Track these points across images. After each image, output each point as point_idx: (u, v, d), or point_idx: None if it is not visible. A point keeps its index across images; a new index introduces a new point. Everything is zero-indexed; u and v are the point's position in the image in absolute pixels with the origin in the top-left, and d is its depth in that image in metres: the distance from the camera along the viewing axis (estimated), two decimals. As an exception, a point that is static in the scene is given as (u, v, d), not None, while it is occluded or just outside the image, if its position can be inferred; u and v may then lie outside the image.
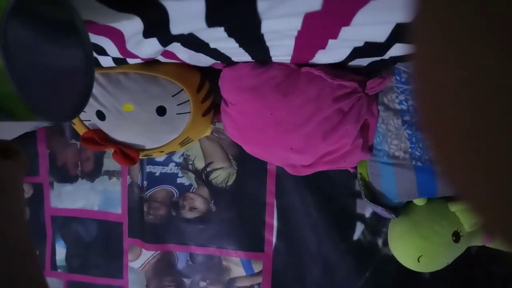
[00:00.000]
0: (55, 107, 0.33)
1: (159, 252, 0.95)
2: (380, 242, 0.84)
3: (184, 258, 0.95)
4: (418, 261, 0.68)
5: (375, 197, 0.73)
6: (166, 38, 0.48)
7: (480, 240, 0.71)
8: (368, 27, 0.43)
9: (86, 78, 0.36)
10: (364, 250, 0.84)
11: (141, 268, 0.97)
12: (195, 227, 0.92)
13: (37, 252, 1.03)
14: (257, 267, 0.91)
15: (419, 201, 0.70)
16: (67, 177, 0.99)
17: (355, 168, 0.76)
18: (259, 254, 0.90)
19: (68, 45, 0.34)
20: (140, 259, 0.97)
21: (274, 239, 0.89)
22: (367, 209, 0.84)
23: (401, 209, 0.72)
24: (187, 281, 0.95)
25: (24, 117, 0.31)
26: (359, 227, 0.84)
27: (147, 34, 0.45)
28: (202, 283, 0.94)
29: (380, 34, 0.45)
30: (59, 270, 1.02)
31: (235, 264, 0.92)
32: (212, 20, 0.41)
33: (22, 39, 0.29)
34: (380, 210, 0.72)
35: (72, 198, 1.00)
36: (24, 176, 0.45)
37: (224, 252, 0.92)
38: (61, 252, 1.02)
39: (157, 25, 0.43)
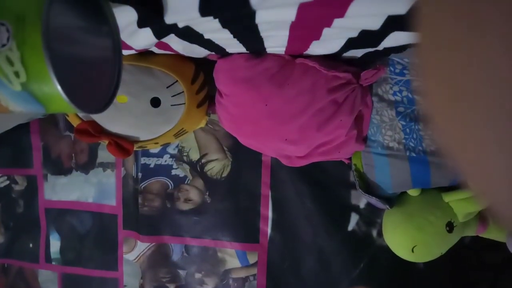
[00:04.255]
0: (88, 98, 0.33)
1: (154, 244, 0.95)
2: (374, 232, 0.84)
3: (179, 250, 0.95)
4: (412, 251, 0.69)
5: (369, 188, 0.74)
6: (160, 28, 0.48)
7: (473, 230, 0.72)
8: (363, 18, 0.43)
9: (114, 67, 0.35)
10: (358, 241, 0.85)
11: (136, 260, 0.97)
12: (190, 219, 0.92)
13: (31, 245, 1.03)
14: (252, 259, 0.91)
15: (413, 192, 0.71)
16: (61, 169, 0.99)
17: (350, 159, 0.76)
18: (254, 246, 0.90)
19: (97, 34, 0.33)
20: (135, 251, 0.97)
21: (269, 230, 0.89)
22: (361, 200, 0.84)
23: (395, 199, 0.73)
24: (182, 272, 0.95)
25: (58, 108, 0.30)
26: (354, 218, 0.85)
27: (141, 23, 0.45)
28: (198, 275, 0.95)
29: (374, 24, 0.45)
30: (53, 263, 1.02)
31: (230, 256, 0.92)
32: (205, 10, 0.41)
33: (60, 28, 0.28)
34: (374, 201, 0.72)
35: (66, 190, 0.99)
36: None
37: (219, 244, 0.92)
38: (55, 244, 1.02)
39: (151, 15, 0.43)
